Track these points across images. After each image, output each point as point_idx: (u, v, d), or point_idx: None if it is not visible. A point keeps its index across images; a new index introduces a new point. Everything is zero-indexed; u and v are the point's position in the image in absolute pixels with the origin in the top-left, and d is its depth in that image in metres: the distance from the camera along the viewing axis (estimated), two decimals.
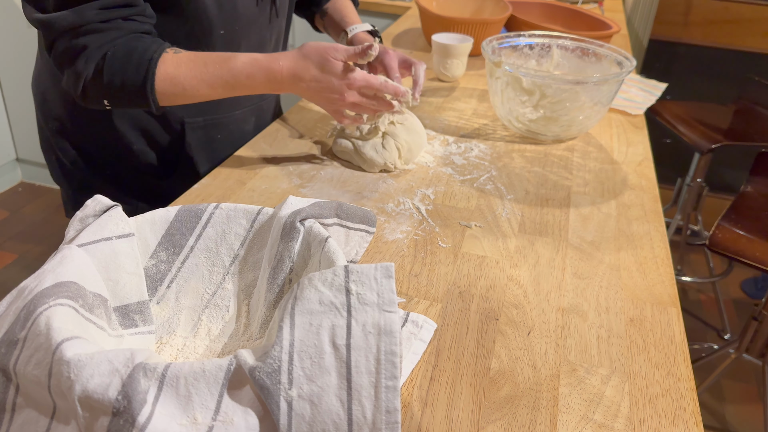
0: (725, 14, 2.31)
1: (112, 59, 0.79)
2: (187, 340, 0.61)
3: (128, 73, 0.80)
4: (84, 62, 0.79)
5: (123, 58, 0.80)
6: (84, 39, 0.78)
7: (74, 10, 0.77)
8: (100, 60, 0.79)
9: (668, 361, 0.62)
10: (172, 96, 0.83)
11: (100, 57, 0.79)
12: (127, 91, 0.81)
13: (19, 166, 2.58)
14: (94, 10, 0.77)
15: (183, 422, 0.43)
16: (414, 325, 0.64)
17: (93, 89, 0.81)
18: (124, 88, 0.80)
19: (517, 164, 0.99)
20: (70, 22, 0.77)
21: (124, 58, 0.80)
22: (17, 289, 0.51)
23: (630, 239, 0.82)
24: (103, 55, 0.79)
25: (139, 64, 0.80)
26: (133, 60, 0.80)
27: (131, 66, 0.80)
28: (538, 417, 0.55)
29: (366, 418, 0.44)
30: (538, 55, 1.19)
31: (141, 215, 0.62)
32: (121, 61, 0.80)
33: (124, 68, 0.80)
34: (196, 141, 1.00)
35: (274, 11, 1.00)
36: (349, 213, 0.71)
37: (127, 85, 0.80)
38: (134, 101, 0.82)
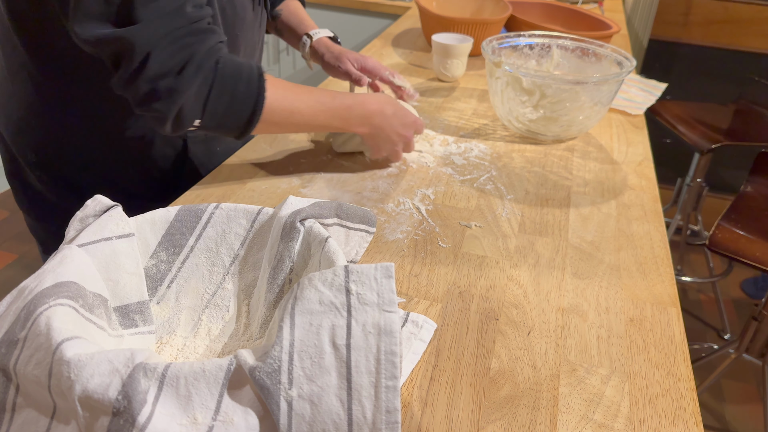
0: (725, 14, 2.31)
1: (223, 70, 0.71)
2: (187, 340, 0.61)
3: (239, 88, 0.72)
4: (194, 71, 0.69)
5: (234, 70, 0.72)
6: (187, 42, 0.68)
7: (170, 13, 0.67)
8: (209, 72, 0.70)
9: (668, 361, 0.62)
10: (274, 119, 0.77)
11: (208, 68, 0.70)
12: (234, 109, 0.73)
13: None
14: (191, 8, 0.68)
15: (183, 422, 0.43)
16: (414, 325, 0.64)
17: (194, 106, 0.71)
18: (233, 104, 0.73)
19: (517, 164, 0.99)
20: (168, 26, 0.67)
21: (235, 70, 0.72)
22: (17, 289, 0.51)
23: (630, 239, 0.82)
24: (212, 65, 0.70)
25: (250, 79, 0.73)
26: (244, 74, 0.73)
27: (243, 80, 0.72)
28: (538, 417, 0.55)
29: (366, 418, 0.44)
30: (538, 55, 1.19)
31: (141, 215, 0.62)
32: (231, 73, 0.72)
33: (235, 82, 0.72)
34: (198, 155, 0.95)
35: (265, 13, 1.00)
36: (349, 213, 0.71)
37: (237, 102, 0.73)
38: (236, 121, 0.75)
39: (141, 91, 0.69)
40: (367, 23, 2.23)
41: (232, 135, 0.78)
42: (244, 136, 0.78)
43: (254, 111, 0.75)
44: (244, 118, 0.75)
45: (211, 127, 0.75)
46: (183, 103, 0.70)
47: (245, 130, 0.77)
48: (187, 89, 0.69)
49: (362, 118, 0.86)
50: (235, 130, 0.77)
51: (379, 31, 2.20)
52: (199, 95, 0.71)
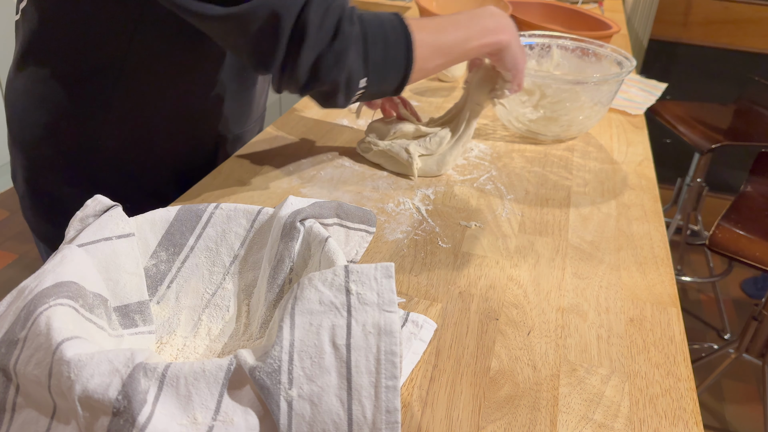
0: (725, 14, 2.31)
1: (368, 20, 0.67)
2: (187, 340, 0.61)
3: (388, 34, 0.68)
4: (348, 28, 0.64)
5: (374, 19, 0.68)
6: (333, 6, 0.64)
7: None
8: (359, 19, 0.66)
9: (668, 361, 0.62)
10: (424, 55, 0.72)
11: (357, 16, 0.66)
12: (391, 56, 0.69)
13: None
14: None
15: (183, 422, 0.43)
16: (414, 325, 0.64)
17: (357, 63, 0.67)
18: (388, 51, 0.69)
19: (517, 164, 0.99)
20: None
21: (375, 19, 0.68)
22: (17, 289, 0.51)
23: (630, 239, 0.82)
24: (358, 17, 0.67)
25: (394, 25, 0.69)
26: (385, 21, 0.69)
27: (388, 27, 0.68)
28: (538, 417, 0.55)
29: (366, 417, 0.44)
30: (538, 55, 1.19)
31: (141, 215, 0.62)
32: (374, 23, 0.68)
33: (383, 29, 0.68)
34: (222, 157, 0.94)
35: None
36: (349, 213, 0.71)
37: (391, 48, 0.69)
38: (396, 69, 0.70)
39: (306, 65, 0.65)
40: None
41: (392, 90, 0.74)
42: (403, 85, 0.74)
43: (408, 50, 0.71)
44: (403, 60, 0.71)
45: (375, 82, 0.71)
46: (350, 64, 0.66)
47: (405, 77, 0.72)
48: (349, 48, 0.65)
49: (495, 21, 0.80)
50: (395, 81, 0.73)
51: None
52: (359, 53, 0.67)
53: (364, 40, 0.67)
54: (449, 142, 0.94)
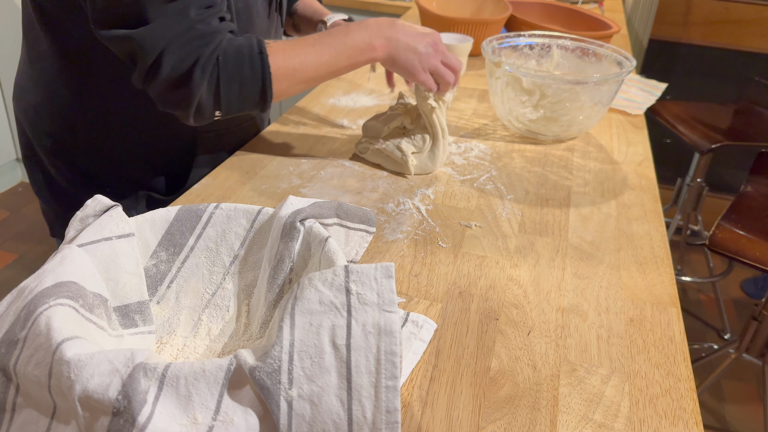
0: (725, 14, 2.31)
1: (224, 63, 0.74)
2: (187, 340, 0.61)
3: (245, 73, 0.75)
4: (200, 73, 0.73)
5: (235, 58, 0.74)
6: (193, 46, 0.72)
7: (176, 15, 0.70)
8: (214, 68, 0.74)
9: (668, 361, 0.62)
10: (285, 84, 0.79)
11: (213, 65, 0.73)
12: (245, 96, 0.77)
13: (19, 166, 2.58)
14: (196, 11, 0.71)
15: (183, 422, 0.43)
16: (414, 325, 0.64)
17: (207, 103, 0.75)
18: (243, 93, 0.76)
19: (517, 164, 0.99)
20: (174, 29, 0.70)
21: (236, 58, 0.75)
22: (17, 289, 0.51)
23: (630, 239, 0.82)
24: (215, 61, 0.74)
25: (252, 60, 0.75)
26: (245, 57, 0.75)
27: (246, 64, 0.75)
28: (538, 417, 0.55)
29: (366, 417, 0.44)
30: (538, 55, 1.19)
31: (141, 215, 0.62)
32: (233, 61, 0.74)
33: (239, 68, 0.75)
34: (206, 152, 0.96)
35: (279, 21, 1.00)
36: (349, 213, 0.71)
37: (246, 89, 0.76)
38: (251, 101, 0.78)
39: (158, 92, 0.75)
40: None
41: (255, 112, 0.81)
42: (264, 110, 0.80)
43: (263, 88, 0.77)
44: (257, 95, 0.78)
45: (233, 112, 0.79)
46: (198, 100, 0.74)
47: (265, 105, 0.79)
48: (198, 90, 0.74)
49: (367, 38, 0.82)
50: (254, 108, 0.80)
51: None
52: (209, 91, 0.75)
53: (217, 83, 0.75)
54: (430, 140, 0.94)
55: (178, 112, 0.76)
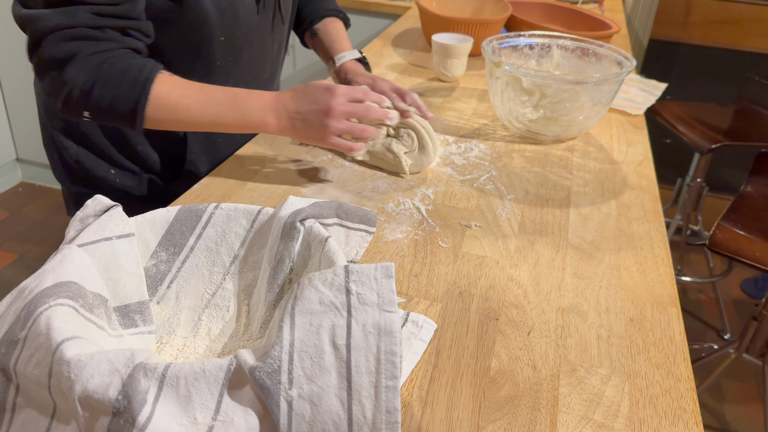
0: (725, 14, 2.31)
1: (107, 73, 0.76)
2: (187, 340, 0.61)
3: (121, 91, 0.77)
4: (75, 70, 0.75)
5: (118, 75, 0.76)
6: (74, 44, 0.74)
7: (64, 10, 0.73)
8: (93, 71, 0.76)
9: (668, 361, 0.62)
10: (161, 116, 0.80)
11: (92, 67, 0.75)
12: (115, 109, 0.78)
13: (19, 166, 2.58)
14: (86, 14, 0.74)
15: (183, 422, 0.43)
16: (414, 325, 0.64)
17: (77, 100, 0.77)
18: (114, 105, 0.77)
19: (517, 164, 0.99)
20: (57, 22, 0.73)
21: (120, 74, 0.76)
22: (17, 289, 0.51)
23: (630, 239, 0.82)
24: (96, 65, 0.76)
25: (134, 83, 0.77)
26: (128, 78, 0.77)
27: (125, 84, 0.77)
28: (538, 417, 0.55)
29: (366, 417, 0.44)
30: (538, 55, 1.19)
31: (141, 215, 0.62)
32: (116, 77, 0.76)
33: (117, 84, 0.76)
34: (198, 144, 0.99)
35: (279, 18, 0.99)
36: (349, 213, 0.71)
37: (118, 103, 0.77)
38: (119, 119, 0.79)
39: (36, 68, 0.78)
40: (367, 23, 2.23)
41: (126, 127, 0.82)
42: (135, 128, 0.80)
43: (135, 109, 0.78)
44: (126, 113, 0.78)
45: (100, 118, 0.80)
46: (68, 94, 0.76)
47: (133, 125, 0.79)
48: (69, 83, 0.75)
49: (261, 108, 0.81)
50: (124, 124, 0.80)
51: (379, 31, 2.20)
52: (83, 90, 0.76)
53: (93, 84, 0.76)
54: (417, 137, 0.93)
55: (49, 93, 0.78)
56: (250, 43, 0.95)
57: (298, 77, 2.61)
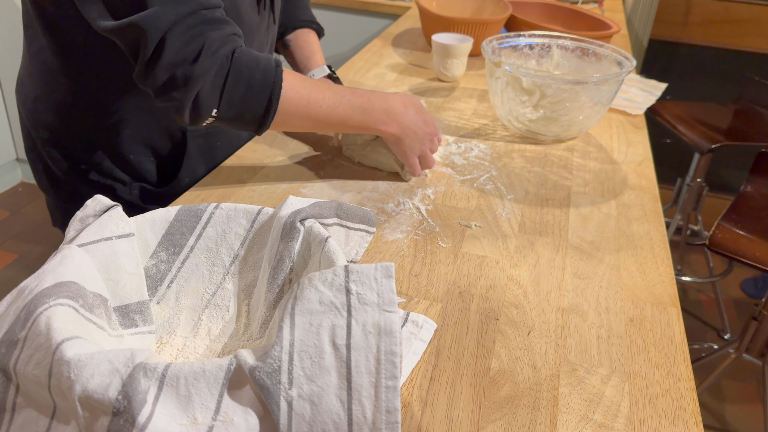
0: (725, 14, 2.31)
1: (238, 59, 0.71)
2: (187, 340, 0.61)
3: (255, 76, 0.72)
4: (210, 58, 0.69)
5: (250, 61, 0.72)
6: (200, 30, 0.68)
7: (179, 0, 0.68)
8: (227, 58, 0.70)
9: (668, 361, 0.62)
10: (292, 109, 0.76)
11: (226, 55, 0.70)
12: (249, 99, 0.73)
13: (19, 166, 2.58)
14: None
15: (183, 422, 0.43)
16: (414, 325, 0.64)
17: (210, 94, 0.71)
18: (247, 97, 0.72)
19: (517, 164, 0.99)
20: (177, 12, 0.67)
21: (251, 61, 0.72)
22: (17, 289, 0.51)
23: (630, 239, 0.82)
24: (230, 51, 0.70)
25: (267, 69, 0.73)
26: (260, 63, 0.72)
27: (259, 70, 0.72)
28: (538, 417, 0.55)
29: (366, 417, 0.44)
30: (538, 55, 1.19)
31: (141, 215, 0.62)
32: (247, 62, 0.71)
33: (251, 71, 0.71)
34: (197, 149, 0.96)
35: (271, 18, 0.99)
36: (349, 213, 0.71)
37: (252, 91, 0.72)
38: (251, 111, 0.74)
39: (159, 80, 0.70)
40: (367, 23, 2.23)
41: (251, 128, 0.77)
42: (262, 128, 0.77)
43: (270, 99, 0.74)
44: (262, 106, 0.74)
45: (229, 117, 0.74)
46: (199, 90, 0.70)
47: (263, 121, 0.76)
48: (203, 76, 0.70)
49: (385, 112, 0.83)
50: (252, 122, 0.76)
51: (379, 31, 2.20)
52: (215, 83, 0.71)
53: (225, 75, 0.71)
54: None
55: (175, 104, 0.72)
56: (250, 44, 0.95)
57: None
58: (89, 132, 0.90)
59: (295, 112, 0.77)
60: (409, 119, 0.86)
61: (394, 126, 0.85)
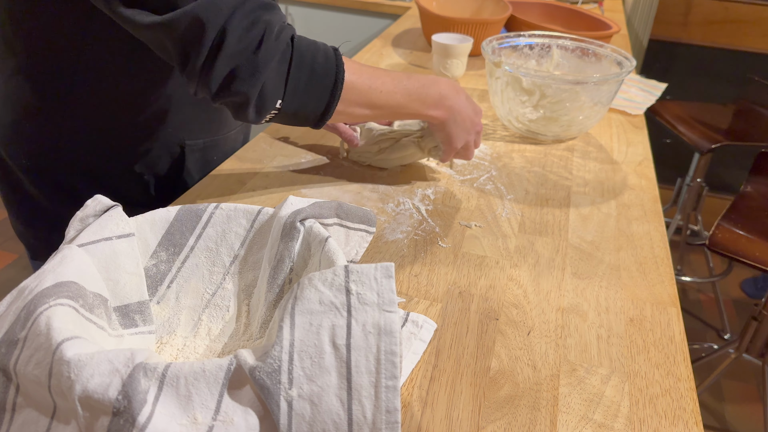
0: (725, 14, 2.31)
1: (299, 43, 0.67)
2: (187, 340, 0.61)
3: (318, 60, 0.68)
4: (274, 41, 0.64)
5: (309, 44, 0.68)
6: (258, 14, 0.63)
7: None
8: (288, 44, 0.66)
9: (668, 361, 0.62)
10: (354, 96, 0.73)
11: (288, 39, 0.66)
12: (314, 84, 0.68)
13: None
14: None
15: (183, 422, 0.43)
16: (414, 324, 0.64)
17: (276, 82, 0.66)
18: (312, 79, 0.68)
19: (517, 164, 0.99)
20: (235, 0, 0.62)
21: (310, 44, 0.68)
22: (17, 289, 0.51)
23: (630, 239, 0.82)
24: (290, 37, 0.66)
25: (327, 52, 0.69)
26: (320, 47, 0.69)
27: (320, 53, 0.68)
28: (538, 417, 0.55)
29: (366, 417, 0.44)
30: (538, 55, 1.19)
31: (141, 215, 0.62)
32: (307, 46, 0.67)
33: (313, 54, 0.68)
34: (194, 164, 0.93)
35: None
36: (349, 213, 0.71)
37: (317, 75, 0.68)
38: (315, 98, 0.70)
39: (221, 73, 0.64)
40: (367, 23, 2.23)
41: (311, 120, 0.72)
42: (324, 117, 0.72)
43: (335, 84, 0.70)
44: (327, 92, 0.70)
45: (292, 108, 0.69)
46: (265, 80, 0.65)
47: (327, 110, 0.71)
48: (268, 64, 0.65)
49: (438, 98, 0.80)
50: (313, 113, 0.71)
51: (379, 31, 2.20)
52: (279, 71, 0.66)
53: (289, 61, 0.67)
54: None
55: (239, 98, 0.66)
56: None
57: None
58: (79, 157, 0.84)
59: (357, 99, 0.73)
60: (460, 104, 0.83)
61: (444, 110, 0.82)
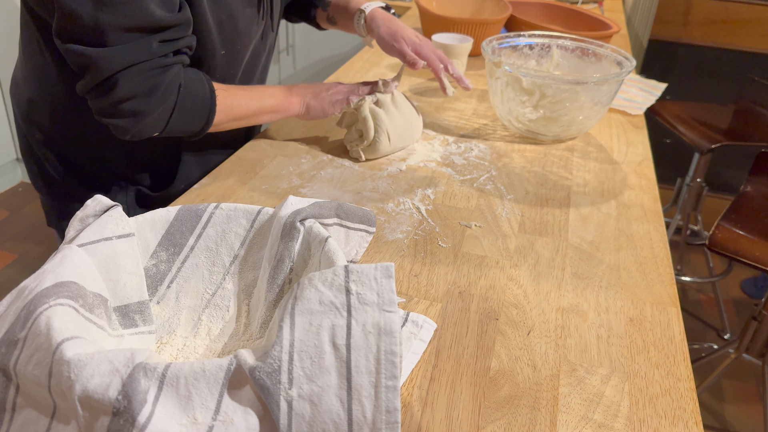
0: (725, 14, 2.31)
1: (184, 95, 0.81)
2: (187, 340, 0.61)
3: (196, 106, 0.83)
4: (158, 100, 0.78)
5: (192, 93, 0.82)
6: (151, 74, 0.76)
7: (136, 44, 0.73)
8: (173, 99, 0.80)
9: (668, 361, 0.62)
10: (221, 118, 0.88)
11: (174, 96, 0.79)
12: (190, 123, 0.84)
13: (19, 166, 2.58)
14: (157, 44, 0.75)
15: (183, 422, 0.43)
16: (414, 324, 0.64)
17: (155, 124, 0.80)
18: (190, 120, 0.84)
19: (517, 164, 0.99)
20: (134, 58, 0.73)
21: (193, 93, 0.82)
22: (17, 289, 0.51)
23: (630, 239, 0.82)
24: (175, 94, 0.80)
25: (204, 97, 0.84)
26: (200, 94, 0.83)
27: (198, 100, 0.83)
28: (538, 417, 0.55)
29: (366, 417, 0.44)
30: (538, 55, 1.19)
31: (141, 215, 0.62)
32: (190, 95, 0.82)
33: (193, 102, 0.82)
34: (191, 155, 0.97)
35: (270, 26, 0.99)
36: (349, 213, 0.71)
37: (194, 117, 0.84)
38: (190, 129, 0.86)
39: (105, 108, 0.77)
40: None
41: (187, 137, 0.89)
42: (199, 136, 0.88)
43: (207, 121, 0.86)
44: (199, 126, 0.86)
45: (169, 135, 0.85)
46: (147, 121, 0.79)
47: (200, 134, 0.88)
48: (152, 113, 0.78)
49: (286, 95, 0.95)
50: (190, 134, 0.88)
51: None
52: (162, 115, 0.80)
53: (173, 109, 0.81)
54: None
55: (118, 129, 0.79)
56: (245, 52, 0.95)
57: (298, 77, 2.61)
58: (84, 135, 0.91)
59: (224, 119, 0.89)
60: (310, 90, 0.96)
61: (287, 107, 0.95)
